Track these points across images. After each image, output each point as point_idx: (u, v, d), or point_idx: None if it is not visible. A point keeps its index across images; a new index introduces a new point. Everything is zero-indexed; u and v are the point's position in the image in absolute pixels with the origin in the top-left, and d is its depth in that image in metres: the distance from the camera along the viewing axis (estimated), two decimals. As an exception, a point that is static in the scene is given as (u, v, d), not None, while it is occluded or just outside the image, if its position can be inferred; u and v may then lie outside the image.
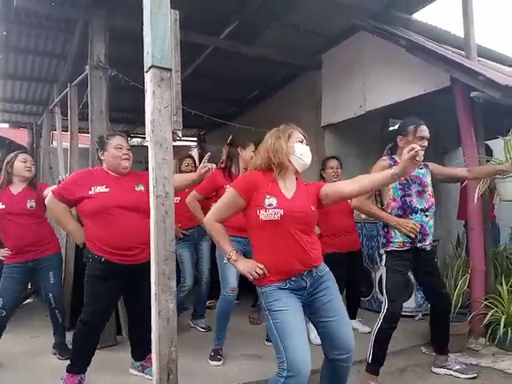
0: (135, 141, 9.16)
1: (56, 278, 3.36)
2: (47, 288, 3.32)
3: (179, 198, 3.50)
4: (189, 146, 9.05)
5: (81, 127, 4.78)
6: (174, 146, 2.18)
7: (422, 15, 4.53)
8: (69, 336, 3.45)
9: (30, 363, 3.23)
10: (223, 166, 3.34)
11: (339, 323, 2.06)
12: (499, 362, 3.09)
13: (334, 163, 3.88)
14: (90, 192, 2.72)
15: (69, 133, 4.64)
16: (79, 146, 4.66)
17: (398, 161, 2.77)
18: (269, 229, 2.00)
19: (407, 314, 4.16)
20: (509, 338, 3.21)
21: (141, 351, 3.00)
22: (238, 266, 2.12)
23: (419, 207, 2.84)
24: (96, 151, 2.98)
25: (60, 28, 4.33)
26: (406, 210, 2.82)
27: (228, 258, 2.15)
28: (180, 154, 4.48)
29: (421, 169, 2.88)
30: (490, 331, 3.34)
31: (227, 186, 3.16)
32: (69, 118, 4.60)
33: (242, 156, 3.32)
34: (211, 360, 3.18)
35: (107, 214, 2.68)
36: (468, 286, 3.47)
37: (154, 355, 2.08)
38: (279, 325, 1.95)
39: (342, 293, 3.56)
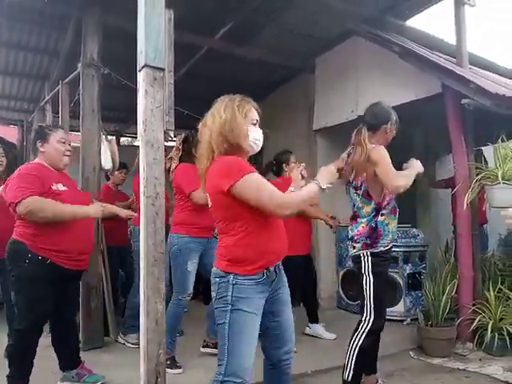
0: (125, 140, 9.12)
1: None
2: (8, 290, 3.04)
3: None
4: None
5: (72, 125, 4.73)
6: (165, 147, 2.17)
7: (415, 21, 4.55)
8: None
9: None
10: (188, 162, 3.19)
11: (289, 320, 1.98)
12: (486, 367, 3.11)
13: (294, 158, 3.76)
14: (53, 187, 2.55)
15: (59, 131, 4.59)
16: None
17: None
18: (265, 217, 1.80)
19: (396, 318, 4.19)
20: (496, 343, 3.23)
21: (72, 359, 2.85)
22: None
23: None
24: (34, 142, 2.73)
25: (53, 25, 4.29)
26: (395, 206, 2.64)
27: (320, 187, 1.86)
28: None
29: None
30: (477, 336, 3.37)
31: None
32: (60, 115, 4.55)
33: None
34: (170, 368, 2.92)
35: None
36: (456, 292, 3.50)
37: (141, 357, 2.07)
38: (236, 327, 1.76)
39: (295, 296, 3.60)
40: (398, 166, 2.64)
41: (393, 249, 2.65)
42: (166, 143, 2.21)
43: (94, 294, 3.62)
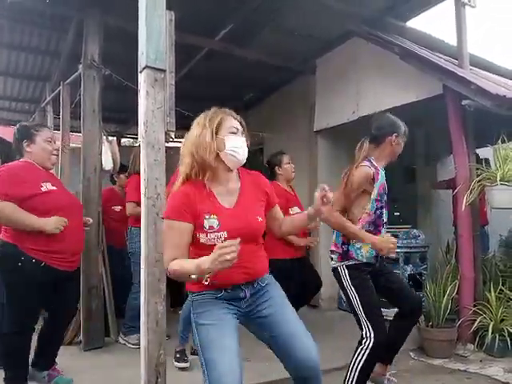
0: (126, 141, 9.13)
1: None
2: None
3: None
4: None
5: (72, 126, 4.74)
6: (166, 148, 2.18)
7: (415, 22, 4.56)
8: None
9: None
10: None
11: (294, 336, 1.75)
12: (487, 368, 3.10)
13: (288, 158, 3.70)
14: (43, 188, 2.50)
15: (60, 132, 4.61)
16: (71, 145, 4.63)
17: (377, 166, 2.52)
18: (211, 248, 1.52)
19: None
20: (496, 344, 3.23)
21: (47, 360, 2.82)
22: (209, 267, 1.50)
23: (385, 220, 2.54)
24: (18, 141, 2.66)
25: (54, 26, 4.29)
26: (378, 225, 2.49)
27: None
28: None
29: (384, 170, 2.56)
30: (478, 337, 3.37)
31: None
32: (61, 116, 4.57)
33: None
34: (177, 362, 3.10)
35: (58, 215, 2.50)
36: (457, 293, 3.49)
37: (142, 357, 2.07)
38: (204, 340, 1.67)
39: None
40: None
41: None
42: (167, 144, 2.22)
43: (94, 294, 3.62)
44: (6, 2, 3.65)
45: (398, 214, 4.94)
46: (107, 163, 3.88)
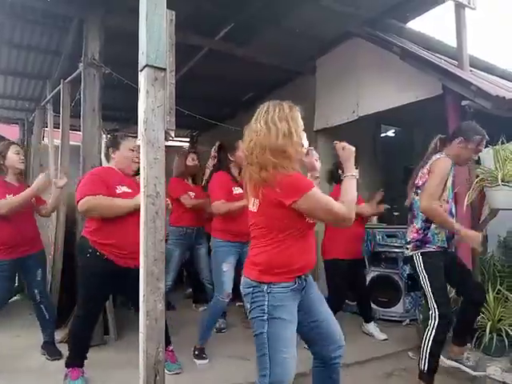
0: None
1: (42, 275, 3.34)
2: (34, 284, 3.29)
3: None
4: (181, 147, 9.05)
5: (72, 125, 4.74)
6: (165, 146, 2.18)
7: (415, 23, 4.57)
8: (57, 335, 3.43)
9: (12, 364, 3.18)
10: (225, 169, 3.39)
11: (330, 319, 2.01)
12: (484, 368, 3.11)
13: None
14: (117, 191, 2.76)
15: (60, 130, 4.60)
16: (70, 143, 4.63)
17: None
18: (308, 229, 1.90)
19: (395, 319, 4.20)
20: (494, 344, 3.23)
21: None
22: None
23: (453, 210, 2.82)
24: (107, 149, 3.00)
25: (55, 24, 4.30)
26: (452, 214, 2.77)
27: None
28: (179, 151, 4.54)
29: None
30: (476, 337, 3.37)
31: (235, 188, 3.25)
32: (61, 115, 4.56)
33: (236, 159, 3.33)
34: (197, 359, 3.22)
35: (126, 217, 2.71)
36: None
37: (141, 356, 2.07)
38: (275, 336, 1.78)
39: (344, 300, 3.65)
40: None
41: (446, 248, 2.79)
42: (167, 143, 2.23)
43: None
44: (7, 0, 3.66)
45: (398, 213, 4.94)
46: (107, 162, 3.88)
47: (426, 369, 2.65)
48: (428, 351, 2.63)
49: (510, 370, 3.04)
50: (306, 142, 1.98)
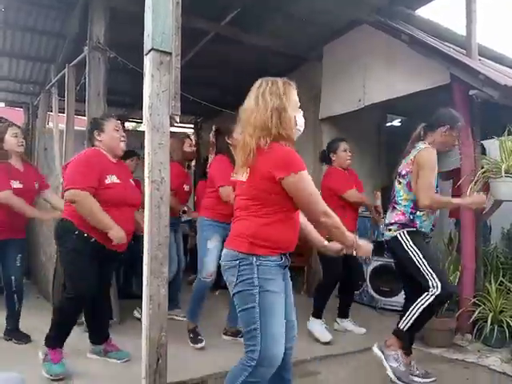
0: (130, 125, 9.12)
1: (21, 262, 3.28)
2: (12, 270, 3.21)
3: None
4: (185, 133, 9.03)
5: (77, 109, 4.72)
6: (170, 132, 2.17)
7: (424, 11, 4.50)
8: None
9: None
10: (224, 152, 3.32)
11: (291, 306, 1.96)
12: (484, 358, 3.14)
13: (347, 145, 3.73)
14: (107, 181, 2.69)
15: (65, 114, 4.59)
16: (75, 128, 4.62)
17: None
18: (294, 211, 1.86)
19: (396, 308, 4.21)
20: (495, 335, 3.25)
21: (101, 335, 3.00)
22: None
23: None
24: (90, 132, 2.91)
25: (60, 7, 4.25)
26: None
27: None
28: (175, 136, 4.49)
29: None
30: (476, 328, 3.39)
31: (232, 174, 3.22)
32: (66, 99, 4.54)
33: (233, 142, 3.22)
34: (194, 343, 3.22)
35: (115, 208, 2.68)
36: (458, 284, 3.50)
37: (143, 340, 2.10)
38: (267, 308, 1.74)
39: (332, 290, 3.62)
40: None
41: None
42: (172, 128, 2.21)
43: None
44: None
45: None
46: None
47: (405, 328, 2.61)
48: (416, 315, 2.57)
49: (509, 361, 3.07)
50: (301, 120, 1.92)
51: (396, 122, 6.98)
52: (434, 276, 2.57)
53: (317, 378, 2.81)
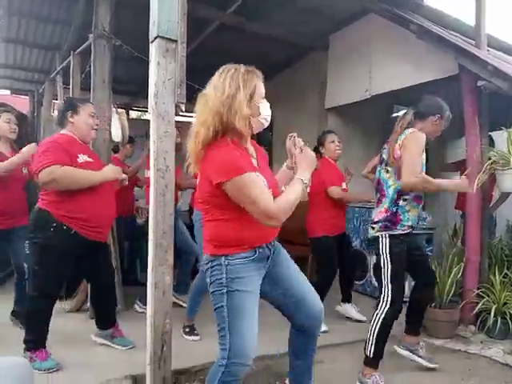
0: (134, 113, 9.11)
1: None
2: (22, 258, 3.14)
3: None
4: (190, 122, 8.99)
5: (82, 97, 4.71)
6: (175, 121, 2.16)
7: (432, 0, 4.43)
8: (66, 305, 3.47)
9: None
10: None
11: (306, 287, 1.92)
12: (486, 350, 3.14)
13: (334, 137, 3.70)
14: (79, 160, 2.59)
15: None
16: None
17: None
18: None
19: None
20: (498, 326, 3.26)
21: (107, 321, 3.00)
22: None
23: None
24: (63, 112, 2.76)
25: (65, -6, 4.24)
26: (420, 196, 2.69)
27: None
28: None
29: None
30: (480, 320, 3.40)
31: None
32: (71, 87, 4.53)
33: None
34: (188, 335, 3.20)
35: (94, 193, 2.59)
36: (461, 275, 3.51)
37: (148, 327, 2.11)
38: (234, 308, 1.71)
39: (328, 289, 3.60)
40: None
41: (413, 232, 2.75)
42: (177, 117, 2.21)
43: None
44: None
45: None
46: (116, 135, 3.88)
47: (371, 354, 2.58)
48: (375, 337, 2.57)
49: (512, 352, 3.07)
50: (265, 112, 1.76)
51: (402, 113, 6.94)
52: (390, 290, 2.56)
53: (322, 367, 2.81)
